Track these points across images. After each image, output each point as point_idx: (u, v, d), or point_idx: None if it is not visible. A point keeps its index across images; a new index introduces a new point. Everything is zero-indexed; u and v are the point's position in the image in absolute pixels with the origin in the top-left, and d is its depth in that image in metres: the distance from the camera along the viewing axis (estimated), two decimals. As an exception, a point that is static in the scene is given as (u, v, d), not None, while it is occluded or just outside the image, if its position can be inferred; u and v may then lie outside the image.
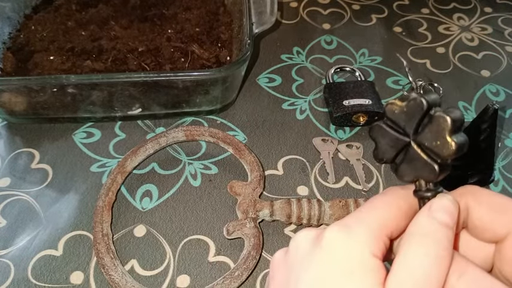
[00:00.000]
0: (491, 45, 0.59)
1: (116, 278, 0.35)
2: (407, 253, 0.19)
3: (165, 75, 0.43)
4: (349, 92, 0.49)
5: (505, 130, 0.49)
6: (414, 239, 0.19)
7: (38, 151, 0.46)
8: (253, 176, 0.42)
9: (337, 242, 0.20)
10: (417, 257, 0.18)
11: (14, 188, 0.43)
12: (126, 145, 0.47)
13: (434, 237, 0.19)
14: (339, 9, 0.64)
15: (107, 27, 0.54)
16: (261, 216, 0.39)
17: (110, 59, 0.50)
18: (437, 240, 0.19)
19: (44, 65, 0.50)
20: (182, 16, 0.56)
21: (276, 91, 0.53)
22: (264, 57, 0.57)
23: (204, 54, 0.51)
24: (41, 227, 0.40)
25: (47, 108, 0.47)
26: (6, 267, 0.38)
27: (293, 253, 0.22)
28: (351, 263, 0.19)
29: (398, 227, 0.21)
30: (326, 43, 0.59)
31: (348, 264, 0.19)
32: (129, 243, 0.40)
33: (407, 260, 0.19)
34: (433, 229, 0.19)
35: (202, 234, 0.40)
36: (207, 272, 0.38)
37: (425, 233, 0.19)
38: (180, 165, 0.45)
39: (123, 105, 0.47)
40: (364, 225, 0.20)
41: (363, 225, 0.20)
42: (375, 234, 0.20)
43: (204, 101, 0.47)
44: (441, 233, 0.19)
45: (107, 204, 0.40)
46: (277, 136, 0.48)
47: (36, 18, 0.55)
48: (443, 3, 0.65)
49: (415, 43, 0.59)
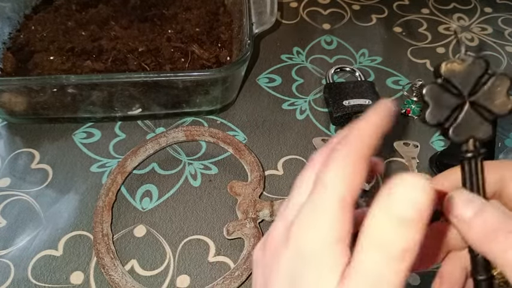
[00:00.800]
0: (491, 45, 0.59)
1: (116, 278, 0.35)
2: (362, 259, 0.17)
3: (165, 75, 0.43)
4: (349, 92, 0.49)
5: (505, 130, 0.49)
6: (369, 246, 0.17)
7: (38, 151, 0.46)
8: (253, 176, 0.42)
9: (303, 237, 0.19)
10: (371, 264, 0.17)
11: (14, 188, 0.43)
12: (126, 145, 0.47)
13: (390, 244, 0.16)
14: (339, 9, 0.64)
15: (107, 27, 0.54)
16: (261, 216, 0.39)
17: (110, 59, 0.50)
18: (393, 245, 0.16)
19: (44, 65, 0.50)
20: (182, 16, 0.56)
21: (276, 91, 0.53)
22: (264, 57, 0.57)
23: (204, 54, 0.51)
24: (41, 227, 0.40)
25: (47, 108, 0.47)
26: (6, 267, 0.38)
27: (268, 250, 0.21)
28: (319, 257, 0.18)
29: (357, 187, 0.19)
30: (326, 43, 0.59)
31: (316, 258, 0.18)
32: (129, 243, 0.40)
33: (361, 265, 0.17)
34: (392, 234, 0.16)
35: (202, 234, 0.40)
36: (207, 272, 0.38)
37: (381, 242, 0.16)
38: (180, 165, 0.45)
39: (123, 105, 0.47)
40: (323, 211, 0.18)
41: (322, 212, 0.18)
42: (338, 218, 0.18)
43: (204, 101, 0.47)
44: (401, 236, 0.16)
45: (107, 204, 0.40)
46: (277, 136, 0.48)
47: (36, 18, 0.55)
48: (443, 3, 0.65)
49: (415, 43, 0.59)
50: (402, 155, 0.46)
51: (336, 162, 0.19)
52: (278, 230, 0.21)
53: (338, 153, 0.19)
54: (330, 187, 0.18)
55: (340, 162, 0.19)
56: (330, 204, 0.18)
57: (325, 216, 0.18)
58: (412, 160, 0.46)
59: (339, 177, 0.18)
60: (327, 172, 0.19)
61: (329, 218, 0.18)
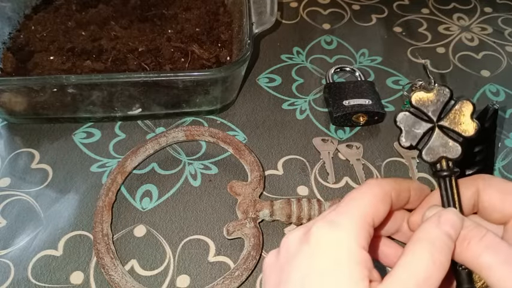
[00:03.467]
0: (491, 45, 0.59)
1: (116, 278, 0.35)
2: (414, 256, 0.20)
3: (165, 75, 0.43)
4: (349, 92, 0.49)
5: (505, 130, 0.49)
6: (421, 245, 0.20)
7: (38, 151, 0.46)
8: (253, 176, 0.42)
9: (323, 236, 0.21)
10: (422, 261, 0.20)
11: (14, 188, 0.43)
12: (126, 145, 0.47)
13: (440, 246, 0.20)
14: (339, 9, 0.64)
15: (107, 27, 0.54)
16: (261, 216, 0.39)
17: (110, 59, 0.50)
18: (442, 249, 0.20)
19: (44, 65, 0.50)
20: (182, 16, 0.56)
21: (276, 91, 0.53)
22: (264, 57, 0.57)
23: (204, 54, 0.51)
24: (41, 227, 0.40)
25: (47, 108, 0.47)
26: (6, 267, 0.38)
27: (283, 254, 0.23)
28: (338, 255, 0.20)
29: (378, 213, 0.23)
30: (326, 43, 0.59)
31: (336, 257, 0.20)
32: (129, 243, 0.40)
33: (412, 262, 0.20)
34: (440, 239, 0.21)
35: (202, 234, 0.40)
36: (207, 272, 0.38)
37: (433, 241, 0.20)
38: (180, 165, 0.45)
39: (123, 105, 0.47)
40: (346, 217, 0.22)
41: (345, 216, 0.22)
42: (357, 224, 0.21)
43: (204, 101, 0.47)
44: (446, 243, 0.21)
45: (107, 204, 0.40)
46: (277, 136, 0.48)
47: (36, 18, 0.55)
48: (443, 3, 0.65)
49: (415, 43, 0.59)
50: (402, 155, 0.46)
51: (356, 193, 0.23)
52: (295, 233, 0.23)
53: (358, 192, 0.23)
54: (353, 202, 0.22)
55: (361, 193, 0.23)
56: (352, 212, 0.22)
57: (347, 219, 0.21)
58: (412, 160, 0.46)
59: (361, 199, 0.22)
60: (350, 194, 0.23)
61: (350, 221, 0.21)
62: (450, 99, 0.24)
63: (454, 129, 0.24)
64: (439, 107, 0.24)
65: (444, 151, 0.24)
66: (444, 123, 0.24)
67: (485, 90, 0.53)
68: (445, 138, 0.24)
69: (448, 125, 0.24)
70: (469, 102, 0.24)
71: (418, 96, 0.24)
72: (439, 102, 0.24)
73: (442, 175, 0.24)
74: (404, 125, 0.24)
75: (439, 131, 0.24)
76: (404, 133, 0.24)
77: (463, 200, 0.24)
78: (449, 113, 0.24)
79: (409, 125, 0.24)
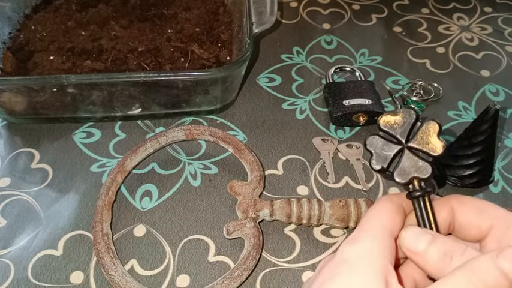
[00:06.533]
0: (491, 45, 0.59)
1: (116, 277, 0.35)
2: (453, 279, 0.20)
3: (165, 75, 0.43)
4: (349, 92, 0.49)
5: (505, 130, 0.49)
6: (465, 271, 0.20)
7: (38, 151, 0.46)
8: (253, 176, 0.42)
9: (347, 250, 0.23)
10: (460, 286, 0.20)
11: (14, 188, 0.43)
12: (126, 145, 0.47)
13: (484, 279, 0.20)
14: (339, 9, 0.64)
15: (107, 27, 0.54)
16: (261, 216, 0.39)
17: (110, 59, 0.50)
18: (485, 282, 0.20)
19: (44, 65, 0.50)
20: (182, 16, 0.56)
21: (276, 91, 0.53)
22: (264, 57, 0.57)
23: (204, 54, 0.51)
24: (41, 227, 0.40)
25: (47, 108, 0.47)
26: (6, 267, 0.38)
27: (317, 270, 0.25)
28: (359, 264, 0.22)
29: (395, 224, 0.24)
30: (326, 43, 0.59)
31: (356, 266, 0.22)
32: (129, 243, 0.40)
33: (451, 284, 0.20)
34: (487, 272, 0.20)
35: (202, 234, 0.40)
36: (207, 272, 0.38)
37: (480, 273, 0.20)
38: (180, 165, 0.45)
39: (123, 105, 0.47)
40: (367, 233, 0.23)
41: (366, 233, 0.23)
42: (378, 236, 0.23)
43: (204, 101, 0.47)
44: (494, 279, 0.20)
45: (107, 203, 0.40)
46: (277, 136, 0.48)
47: (36, 18, 0.55)
48: (443, 3, 0.65)
49: (415, 43, 0.59)
50: None
51: None
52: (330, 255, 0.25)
53: None
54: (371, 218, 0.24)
55: None
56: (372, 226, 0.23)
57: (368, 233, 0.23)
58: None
59: None
60: None
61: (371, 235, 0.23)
62: (416, 121, 0.25)
63: (423, 149, 0.24)
64: (407, 129, 0.25)
65: (415, 171, 0.24)
66: (413, 144, 0.24)
67: (485, 90, 0.53)
68: (415, 159, 0.24)
69: (417, 145, 0.24)
70: (435, 122, 0.24)
71: (386, 120, 0.25)
72: (405, 124, 0.25)
73: (416, 195, 0.24)
74: (374, 148, 0.25)
75: (408, 152, 0.24)
76: (375, 156, 0.25)
77: (438, 220, 0.24)
78: (417, 134, 0.24)
79: (379, 147, 0.25)
